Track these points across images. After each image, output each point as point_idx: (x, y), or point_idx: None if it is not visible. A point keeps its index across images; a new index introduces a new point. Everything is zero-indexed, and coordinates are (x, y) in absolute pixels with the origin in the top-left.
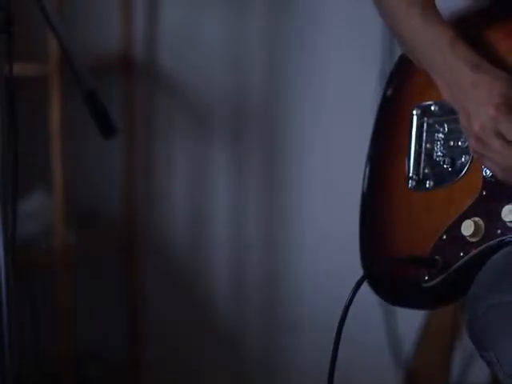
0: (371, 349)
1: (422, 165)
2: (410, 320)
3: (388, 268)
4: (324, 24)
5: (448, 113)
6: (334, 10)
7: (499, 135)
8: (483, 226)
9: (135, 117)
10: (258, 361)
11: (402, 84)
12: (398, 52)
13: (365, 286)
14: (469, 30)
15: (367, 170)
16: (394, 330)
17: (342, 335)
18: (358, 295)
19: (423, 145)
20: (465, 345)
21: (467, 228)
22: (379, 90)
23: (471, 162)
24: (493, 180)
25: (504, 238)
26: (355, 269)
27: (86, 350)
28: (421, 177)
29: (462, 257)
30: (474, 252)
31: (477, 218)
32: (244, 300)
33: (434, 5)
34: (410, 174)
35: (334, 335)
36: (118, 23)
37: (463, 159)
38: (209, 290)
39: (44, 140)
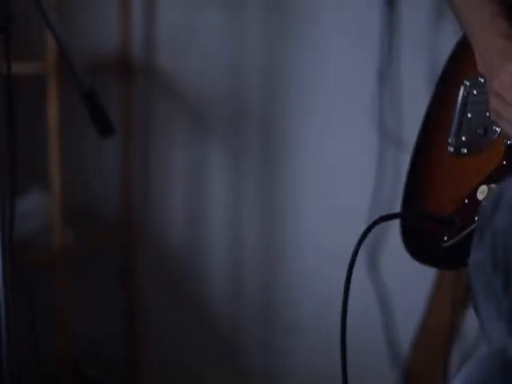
0: (369, 348)
1: (461, 132)
2: (408, 319)
3: (417, 220)
4: (322, 24)
5: None
6: (332, 9)
7: None
8: None
9: (133, 117)
10: (256, 362)
11: (460, 59)
12: (397, 52)
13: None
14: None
15: (420, 129)
16: (392, 330)
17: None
18: (355, 297)
19: (466, 114)
20: (462, 344)
21: (482, 193)
22: (377, 90)
23: (500, 132)
24: None
25: None
26: (360, 274)
27: (85, 351)
28: (459, 143)
29: (476, 220)
30: None
31: (493, 185)
32: (242, 300)
33: None
34: (450, 140)
35: (330, 337)
36: (116, 23)
37: (494, 129)
38: (207, 291)
39: (42, 139)
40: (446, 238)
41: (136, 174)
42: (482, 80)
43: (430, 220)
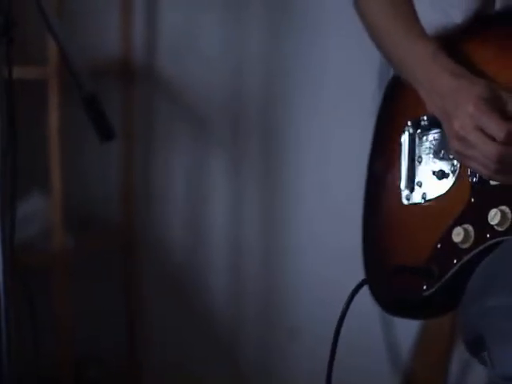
0: (369, 353)
1: (414, 178)
2: (408, 324)
3: (388, 279)
4: (322, 26)
5: (436, 125)
6: (333, 11)
7: (479, 130)
8: (473, 232)
9: (134, 121)
10: (257, 366)
11: (396, 100)
12: None
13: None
14: (450, 45)
15: (366, 183)
16: (392, 335)
17: (340, 340)
18: (355, 300)
19: (415, 158)
20: (462, 349)
21: (457, 235)
22: (378, 92)
23: (460, 171)
24: (479, 186)
25: (493, 241)
26: (353, 274)
27: (85, 353)
28: (413, 189)
29: (456, 264)
30: (466, 258)
31: (466, 225)
32: (243, 303)
33: (416, 19)
34: (403, 188)
35: (331, 342)
36: (117, 27)
37: (452, 169)
38: (208, 294)
39: (43, 143)
40: (425, 288)
41: (137, 178)
42: (426, 122)
43: (402, 273)
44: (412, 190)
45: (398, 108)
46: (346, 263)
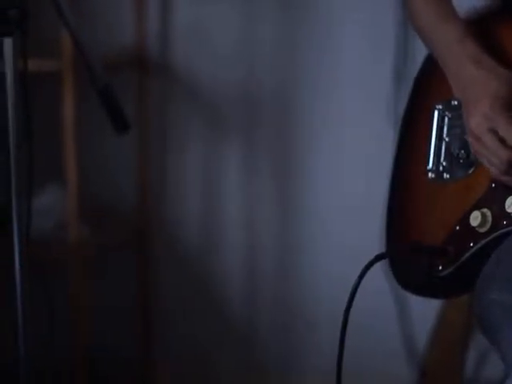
0: (385, 347)
1: (440, 158)
2: (424, 318)
3: (406, 255)
4: (337, 23)
5: None
6: (347, 9)
7: (493, 133)
8: (490, 216)
9: (148, 113)
10: (273, 359)
11: (428, 81)
12: (413, 52)
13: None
14: (482, 29)
15: (394, 160)
16: (408, 328)
17: (356, 331)
18: (371, 291)
19: (443, 138)
20: (478, 341)
21: (475, 219)
22: (393, 90)
23: None
24: None
25: (509, 228)
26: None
27: (100, 349)
28: (439, 169)
29: (472, 247)
30: (482, 242)
31: (485, 209)
32: (258, 300)
33: (449, 2)
34: (430, 167)
35: (347, 337)
36: (131, 20)
37: None
38: (223, 288)
39: (58, 135)
40: (440, 268)
41: (152, 170)
42: (456, 102)
43: (419, 251)
44: (437, 168)
45: (430, 86)
46: (363, 260)
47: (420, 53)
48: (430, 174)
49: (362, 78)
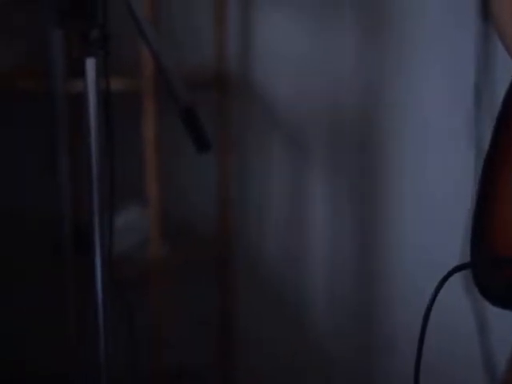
0: (464, 363)
1: None
2: (504, 336)
3: (493, 268)
4: (418, 40)
5: None
6: (429, 27)
7: None
8: None
9: (229, 132)
10: (354, 381)
11: None
12: (492, 69)
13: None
14: None
15: (483, 171)
16: (488, 344)
17: (434, 350)
18: (451, 309)
19: None
20: None
21: None
22: (474, 108)
23: None
24: None
25: None
26: (454, 288)
27: (178, 366)
28: None
29: None
30: None
31: None
32: (340, 313)
33: None
34: None
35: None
36: (211, 39)
37: None
38: (305, 304)
39: (139, 153)
40: None
41: (233, 189)
42: None
43: (505, 263)
44: None
45: None
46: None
47: (501, 70)
48: None
49: (443, 96)
